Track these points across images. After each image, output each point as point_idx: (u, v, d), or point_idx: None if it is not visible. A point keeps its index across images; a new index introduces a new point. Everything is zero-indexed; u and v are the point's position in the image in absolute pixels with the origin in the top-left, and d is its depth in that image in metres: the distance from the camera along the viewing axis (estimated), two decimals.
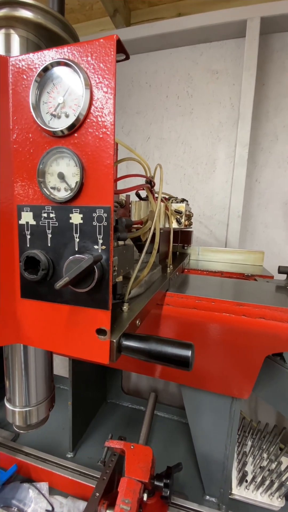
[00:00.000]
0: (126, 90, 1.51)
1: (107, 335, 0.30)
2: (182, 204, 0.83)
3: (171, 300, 0.61)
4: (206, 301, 0.58)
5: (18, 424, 0.49)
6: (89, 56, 0.28)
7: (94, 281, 0.28)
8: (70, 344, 0.33)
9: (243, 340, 0.59)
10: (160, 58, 1.43)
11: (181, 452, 1.07)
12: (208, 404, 0.79)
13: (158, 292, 0.53)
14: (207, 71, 1.36)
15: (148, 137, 1.49)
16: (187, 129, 1.41)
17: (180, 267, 0.88)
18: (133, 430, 1.16)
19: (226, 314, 0.57)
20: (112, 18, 1.32)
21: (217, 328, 0.59)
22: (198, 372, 0.71)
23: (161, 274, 0.67)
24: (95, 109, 0.28)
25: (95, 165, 0.29)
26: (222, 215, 1.40)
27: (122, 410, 1.27)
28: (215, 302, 0.58)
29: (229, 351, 0.62)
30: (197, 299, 0.59)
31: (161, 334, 0.66)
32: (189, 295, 0.60)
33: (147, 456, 0.70)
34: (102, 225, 0.29)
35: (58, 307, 0.33)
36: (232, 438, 0.81)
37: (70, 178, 0.30)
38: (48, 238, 0.32)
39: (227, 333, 0.59)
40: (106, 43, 0.27)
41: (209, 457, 0.85)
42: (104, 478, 0.69)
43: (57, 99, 0.30)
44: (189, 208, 0.97)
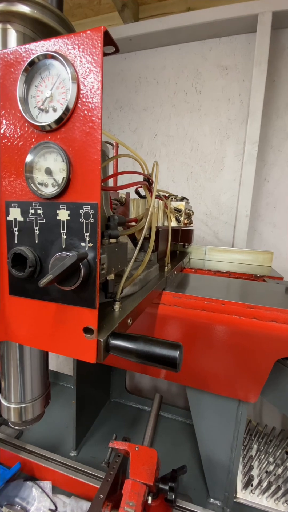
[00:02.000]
0: (133, 86, 1.49)
1: (94, 334, 0.29)
2: (182, 203, 0.82)
3: (179, 301, 0.60)
4: (215, 303, 0.57)
5: (14, 421, 0.49)
6: (76, 48, 0.27)
7: (80, 279, 0.27)
8: (58, 343, 0.33)
9: (253, 344, 0.57)
10: (168, 53, 1.40)
11: (184, 453, 1.06)
12: (214, 407, 0.78)
13: (153, 291, 0.52)
14: (216, 67, 1.33)
15: (155, 134, 1.47)
16: (195, 126, 1.39)
17: (179, 266, 0.87)
18: (136, 429, 1.15)
19: (236, 316, 0.56)
20: (121, 13, 1.30)
21: (226, 331, 0.57)
22: (204, 374, 0.69)
23: (158, 273, 0.66)
24: (82, 103, 0.27)
25: (82, 160, 0.28)
26: (229, 214, 1.37)
27: (125, 409, 1.26)
28: (225, 304, 0.56)
29: (238, 354, 0.61)
30: (206, 300, 0.58)
31: (166, 336, 0.65)
32: (197, 296, 0.59)
33: (152, 459, 0.69)
34: (89, 222, 0.29)
35: (45, 305, 0.33)
36: (238, 441, 0.80)
37: (58, 173, 0.29)
38: (36, 235, 0.32)
39: (236, 336, 0.58)
40: (93, 35, 0.26)
41: (214, 460, 0.84)
42: (108, 480, 0.68)
43: (44, 93, 0.30)
44: (189, 206, 0.96)
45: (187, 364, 0.69)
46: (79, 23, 1.48)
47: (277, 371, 0.70)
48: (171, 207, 0.79)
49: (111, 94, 1.53)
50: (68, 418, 1.16)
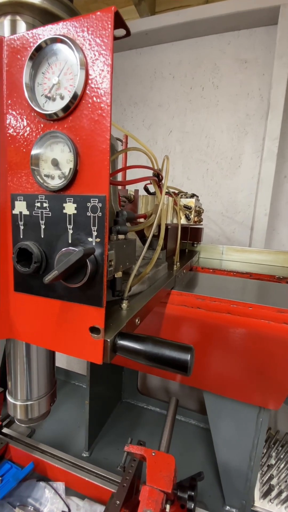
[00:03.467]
0: (148, 82, 1.46)
1: (101, 334, 0.28)
2: (192, 200, 0.79)
3: (203, 303, 0.57)
4: (243, 306, 0.54)
5: (20, 418, 0.49)
6: (85, 31, 0.26)
7: (86, 276, 0.26)
8: (63, 341, 0.32)
9: (282, 349, 0.54)
10: (185, 47, 1.36)
11: (198, 458, 1.03)
12: (233, 413, 0.75)
13: (162, 290, 0.50)
14: (235, 60, 1.29)
15: (170, 131, 1.44)
16: (211, 122, 1.35)
17: (187, 265, 0.85)
18: (149, 431, 1.13)
19: (265, 321, 0.52)
20: (137, 6, 1.27)
21: (253, 335, 0.54)
22: (225, 379, 0.66)
23: (167, 271, 0.64)
24: (90, 89, 0.26)
25: (90, 150, 0.27)
26: (246, 213, 1.33)
27: (137, 411, 1.24)
28: (253, 307, 0.53)
29: (264, 359, 0.58)
30: (233, 303, 0.55)
31: (184, 340, 0.62)
32: (222, 298, 0.56)
33: (170, 465, 0.67)
34: (97, 215, 0.27)
35: (51, 302, 0.32)
36: (258, 449, 0.77)
37: (64, 164, 0.28)
38: (41, 229, 0.31)
39: (263, 341, 0.55)
40: (103, 16, 0.25)
41: (232, 467, 0.81)
42: (125, 485, 0.66)
43: (52, 79, 0.28)
44: (199, 204, 0.93)
45: (207, 369, 0.66)
46: None
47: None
48: (180, 204, 0.77)
49: (125, 90, 1.51)
50: (79, 417, 1.15)
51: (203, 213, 1.00)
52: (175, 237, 0.95)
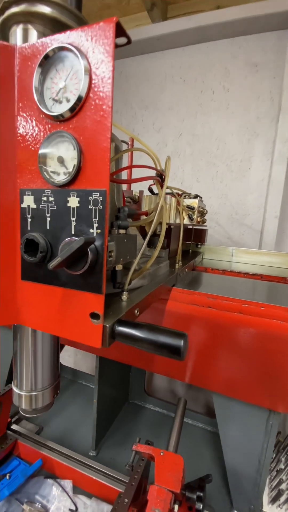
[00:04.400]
0: (159, 86, 1.48)
1: (100, 319, 0.30)
2: (195, 200, 0.82)
3: (214, 302, 0.57)
4: (255, 306, 0.54)
5: (24, 408, 0.51)
6: (89, 40, 0.28)
7: (87, 263, 0.28)
8: (66, 327, 0.34)
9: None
10: (196, 52, 1.38)
11: (205, 460, 1.02)
12: (242, 415, 0.74)
13: (162, 286, 0.52)
14: (245, 64, 1.30)
15: (180, 134, 1.45)
16: (221, 125, 1.36)
17: (190, 264, 0.87)
18: (155, 433, 1.12)
19: (277, 321, 0.52)
20: (149, 12, 1.30)
21: (265, 336, 0.54)
22: (234, 380, 0.66)
23: (168, 269, 0.66)
24: (93, 92, 0.28)
25: (92, 148, 0.29)
26: (256, 215, 1.33)
27: (144, 412, 1.24)
28: (265, 307, 0.53)
29: (275, 360, 0.57)
30: (244, 303, 0.55)
31: (193, 339, 0.62)
32: (234, 298, 0.56)
33: (178, 465, 0.67)
34: (98, 208, 0.29)
35: (55, 289, 0.34)
36: (267, 453, 0.76)
37: (69, 162, 0.30)
38: (47, 221, 0.33)
39: (275, 342, 0.54)
40: (106, 26, 0.27)
41: (240, 471, 0.80)
42: (133, 484, 0.66)
43: (59, 84, 0.31)
44: (203, 204, 0.95)
45: (216, 369, 0.66)
46: None
47: None
48: (184, 204, 0.79)
49: (136, 94, 1.53)
50: (86, 417, 1.15)
51: (207, 214, 1.01)
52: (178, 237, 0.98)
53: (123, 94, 1.56)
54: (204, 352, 0.64)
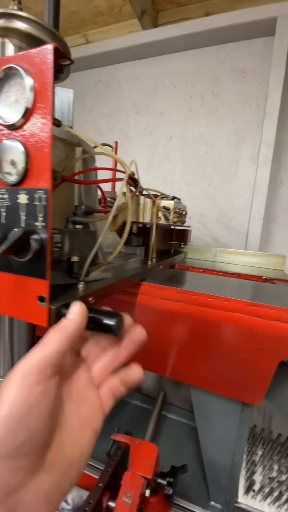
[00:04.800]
0: (151, 91, 1.52)
1: (46, 302, 0.33)
2: (171, 202, 0.86)
3: (183, 296, 0.61)
4: (219, 300, 0.57)
5: None
6: (33, 62, 0.33)
7: (31, 252, 0.31)
8: (18, 308, 0.38)
9: (256, 343, 0.57)
10: (186, 58, 1.42)
11: (187, 455, 1.05)
12: (218, 408, 0.77)
13: (127, 279, 0.55)
14: (233, 70, 1.34)
15: (171, 138, 1.49)
16: (210, 130, 1.40)
17: (167, 262, 0.90)
18: (138, 428, 1.15)
19: (239, 314, 0.56)
20: (140, 19, 1.34)
21: (229, 329, 0.57)
22: (208, 374, 0.69)
23: (140, 265, 0.70)
24: (37, 106, 0.33)
25: (37, 152, 0.33)
26: (243, 217, 1.36)
27: (129, 408, 1.27)
28: (228, 301, 0.57)
29: (241, 354, 0.61)
30: (210, 297, 0.58)
31: (166, 332, 0.66)
32: (202, 292, 0.59)
33: (152, 453, 0.70)
34: (42, 204, 0.33)
35: (8, 276, 0.38)
36: (241, 445, 0.79)
37: (19, 164, 0.34)
38: (3, 216, 0.37)
39: (239, 335, 0.58)
40: (45, 50, 0.31)
41: (216, 463, 0.83)
42: (108, 470, 0.69)
43: (11, 98, 0.35)
44: (182, 206, 1.00)
45: (191, 362, 0.70)
46: (100, 30, 1.54)
47: (282, 374, 0.69)
48: (160, 205, 0.83)
49: (129, 99, 1.58)
50: None
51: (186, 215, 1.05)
52: (160, 238, 1.02)
53: (116, 99, 1.61)
54: (176, 345, 0.67)
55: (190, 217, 1.48)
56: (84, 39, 1.61)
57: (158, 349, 0.71)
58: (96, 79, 1.65)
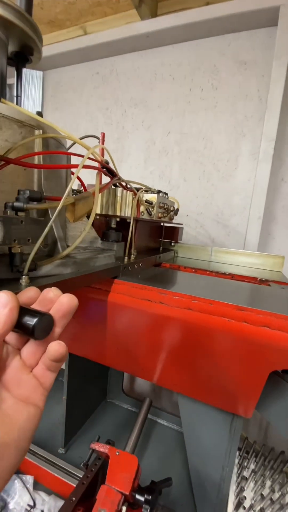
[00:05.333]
0: (148, 83, 1.47)
1: None
2: (154, 195, 0.80)
3: (165, 298, 0.55)
4: (203, 302, 0.52)
5: None
6: None
7: None
8: None
9: (244, 351, 0.51)
10: (185, 49, 1.37)
11: (177, 465, 1.00)
12: (207, 418, 0.72)
13: (89, 275, 0.49)
14: (234, 62, 1.28)
15: (169, 132, 1.44)
16: (209, 124, 1.34)
17: (150, 260, 0.85)
18: (125, 434, 1.10)
19: (225, 318, 0.50)
20: (138, 9, 1.29)
21: (215, 334, 0.52)
22: (196, 382, 0.64)
23: (113, 261, 0.64)
24: None
25: None
26: (242, 215, 1.30)
27: (121, 412, 1.22)
28: (213, 303, 0.51)
29: (230, 362, 0.55)
30: (194, 299, 0.53)
31: (150, 336, 0.61)
32: (185, 294, 0.54)
33: (132, 466, 0.65)
34: None
35: None
36: (231, 459, 0.73)
37: None
38: None
39: (226, 341, 0.52)
40: None
41: (204, 476, 0.78)
42: (84, 483, 0.64)
43: None
44: (169, 201, 0.94)
45: (175, 368, 0.64)
46: (98, 21, 1.50)
47: (276, 386, 0.63)
48: (142, 199, 0.77)
49: (126, 92, 1.53)
50: (62, 413, 1.15)
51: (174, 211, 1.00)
52: (147, 234, 0.98)
53: (113, 92, 1.56)
54: (158, 349, 0.62)
55: (187, 215, 1.42)
56: (82, 30, 1.57)
57: (138, 352, 0.66)
58: (94, 72, 1.61)
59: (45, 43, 1.67)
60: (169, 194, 1.45)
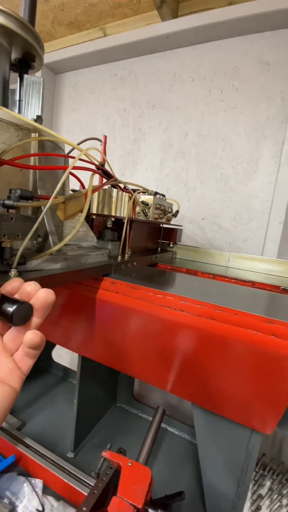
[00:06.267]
0: (167, 85, 1.45)
1: None
2: (150, 197, 0.83)
3: (186, 306, 0.53)
4: (228, 312, 0.49)
5: None
6: None
7: None
8: None
9: (271, 365, 0.48)
10: (206, 50, 1.35)
11: (188, 476, 0.97)
12: (223, 432, 0.69)
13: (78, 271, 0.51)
14: (257, 62, 1.24)
15: (186, 134, 1.41)
16: (229, 125, 1.31)
17: (146, 259, 0.86)
18: (138, 441, 1.08)
19: (252, 330, 0.47)
20: (159, 9, 1.28)
21: (240, 346, 0.49)
22: (213, 393, 0.61)
23: (106, 259, 0.66)
24: None
25: None
26: (260, 220, 1.26)
27: (131, 417, 1.20)
28: (239, 314, 0.49)
29: (254, 375, 0.52)
30: (217, 308, 0.50)
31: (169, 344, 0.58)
32: (207, 302, 0.52)
33: (145, 478, 0.63)
34: None
35: None
36: (247, 475, 0.70)
37: None
38: None
39: (251, 354, 0.49)
40: None
41: (218, 492, 0.75)
42: (95, 492, 0.63)
43: None
44: (167, 203, 0.97)
45: (194, 379, 0.62)
46: (118, 23, 1.49)
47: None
48: (138, 200, 0.80)
49: (144, 93, 1.52)
50: (72, 416, 1.13)
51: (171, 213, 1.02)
52: (145, 235, 1.00)
53: (131, 93, 1.55)
54: (176, 358, 0.60)
55: (203, 218, 1.39)
56: (101, 32, 1.57)
57: (152, 359, 0.64)
58: (112, 74, 1.60)
59: (65, 45, 1.68)
60: (185, 197, 1.43)
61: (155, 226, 1.09)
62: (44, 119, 2.01)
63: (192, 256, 1.17)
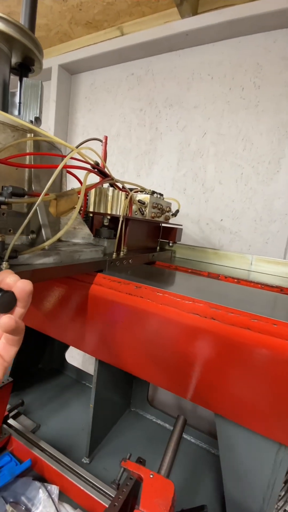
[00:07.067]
0: (185, 83, 1.42)
1: None
2: (147, 196, 0.84)
3: (218, 313, 0.50)
4: (265, 322, 0.46)
5: None
6: None
7: None
8: None
9: None
10: (226, 47, 1.31)
11: (206, 487, 0.93)
12: (248, 445, 0.65)
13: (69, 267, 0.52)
14: (280, 59, 1.20)
15: (205, 133, 1.38)
16: (250, 124, 1.27)
17: (143, 257, 0.87)
18: (154, 448, 1.05)
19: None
20: (179, 7, 1.25)
21: (276, 358, 0.46)
22: (241, 405, 0.58)
23: (101, 256, 0.67)
24: None
25: None
26: (282, 222, 1.21)
27: (145, 423, 1.17)
28: (278, 324, 0.45)
29: (284, 388, 0.49)
30: (253, 317, 0.47)
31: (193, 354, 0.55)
32: (242, 311, 0.48)
33: (168, 492, 0.60)
34: None
35: None
36: (274, 491, 0.66)
37: None
38: None
39: (285, 366, 0.46)
40: None
41: (242, 507, 0.71)
42: (116, 505, 0.60)
43: None
44: (164, 202, 0.98)
45: (220, 389, 0.59)
46: (136, 22, 1.48)
47: None
48: (135, 198, 0.81)
49: (162, 92, 1.49)
50: (85, 420, 1.12)
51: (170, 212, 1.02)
52: (144, 233, 1.00)
53: (148, 93, 1.53)
54: (199, 366, 0.57)
55: (221, 220, 1.35)
56: (119, 31, 1.56)
57: (172, 366, 0.61)
58: (129, 73, 1.59)
59: (81, 45, 1.68)
60: (203, 197, 1.39)
61: (154, 225, 1.09)
62: (59, 119, 2.01)
63: (195, 256, 1.17)
